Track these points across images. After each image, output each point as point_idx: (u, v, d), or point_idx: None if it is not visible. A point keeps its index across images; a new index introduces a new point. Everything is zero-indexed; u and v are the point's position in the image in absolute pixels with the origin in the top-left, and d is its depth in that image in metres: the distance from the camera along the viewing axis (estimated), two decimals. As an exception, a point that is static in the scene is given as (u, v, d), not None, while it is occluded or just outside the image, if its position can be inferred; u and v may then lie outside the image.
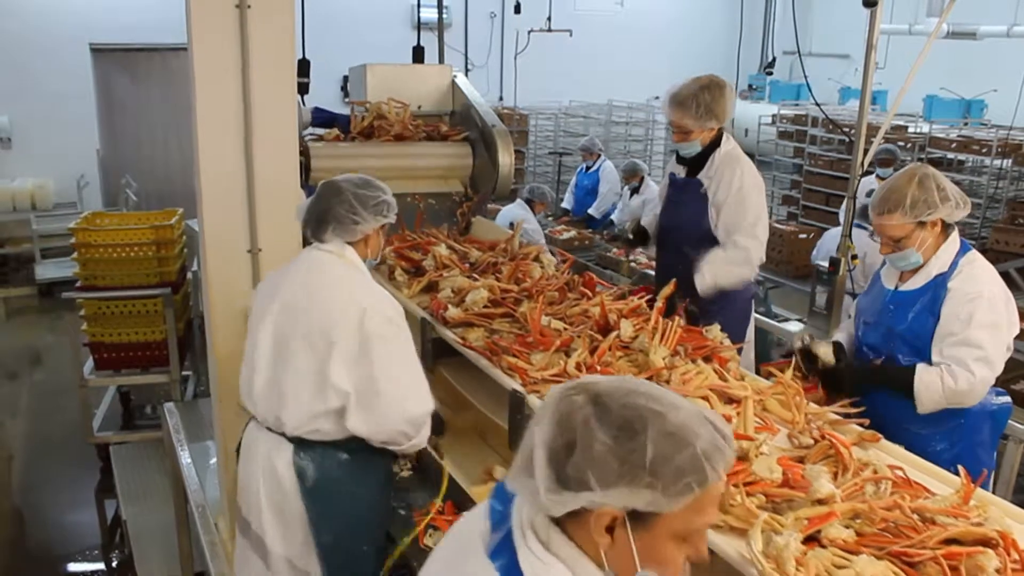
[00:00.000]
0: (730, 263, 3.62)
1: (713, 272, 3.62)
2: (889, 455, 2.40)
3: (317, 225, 2.62)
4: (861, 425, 2.50)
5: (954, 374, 2.68)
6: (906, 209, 2.73)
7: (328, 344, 2.48)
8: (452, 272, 3.51)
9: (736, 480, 2.02)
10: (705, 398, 2.50)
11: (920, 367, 2.74)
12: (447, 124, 4.66)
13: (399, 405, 2.52)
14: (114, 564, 4.63)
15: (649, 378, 2.47)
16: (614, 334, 2.83)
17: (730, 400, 2.55)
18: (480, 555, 1.34)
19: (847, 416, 2.55)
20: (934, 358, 2.75)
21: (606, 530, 1.24)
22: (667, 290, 3.07)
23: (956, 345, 2.69)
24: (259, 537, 2.63)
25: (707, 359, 2.81)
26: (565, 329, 2.95)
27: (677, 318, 2.93)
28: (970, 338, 2.67)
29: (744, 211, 3.59)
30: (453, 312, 3.12)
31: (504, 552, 1.30)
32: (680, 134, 3.63)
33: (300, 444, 2.57)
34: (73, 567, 4.66)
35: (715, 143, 3.65)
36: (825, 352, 2.91)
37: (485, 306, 3.17)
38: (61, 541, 4.88)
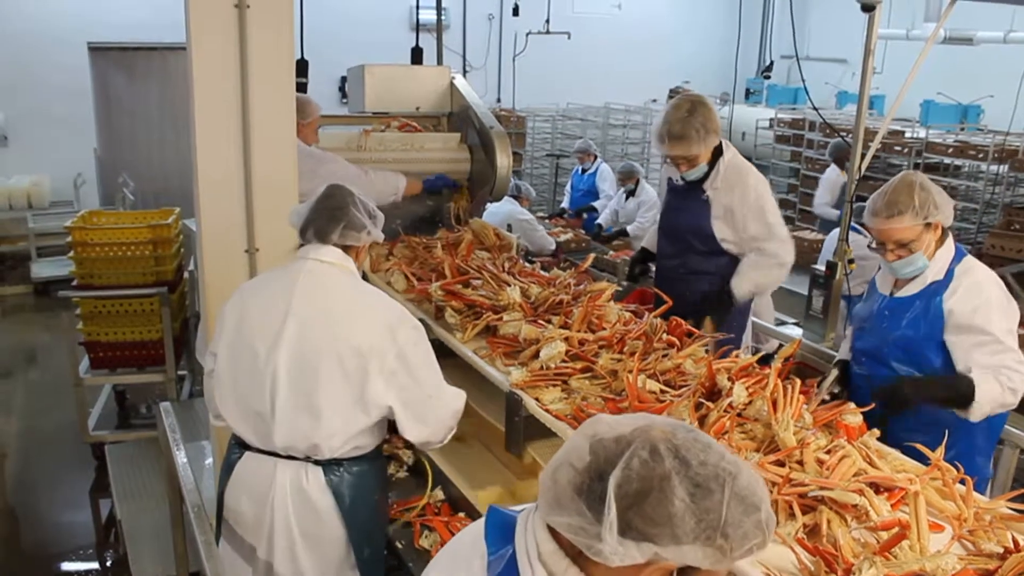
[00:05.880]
0: (763, 268, 3.65)
1: (751, 279, 3.64)
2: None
3: (326, 223, 2.50)
4: None
5: (1011, 378, 2.64)
6: (916, 209, 2.70)
7: (363, 362, 2.41)
8: (513, 315, 3.08)
9: None
10: (859, 492, 2.00)
11: (977, 376, 2.66)
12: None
13: (447, 404, 2.57)
14: (108, 563, 4.62)
15: (778, 461, 2.15)
16: (726, 400, 2.37)
17: (876, 486, 2.09)
18: None
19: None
20: (974, 369, 2.68)
21: None
22: (788, 350, 2.63)
23: (996, 353, 2.66)
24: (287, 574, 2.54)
25: (828, 425, 2.39)
26: (663, 391, 2.54)
27: (797, 381, 2.46)
28: (1005, 345, 2.67)
29: (765, 219, 3.62)
30: (518, 375, 2.70)
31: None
32: (686, 163, 3.63)
33: (328, 466, 2.49)
34: (67, 566, 4.65)
35: (716, 152, 3.67)
36: (832, 385, 2.89)
37: (563, 360, 2.76)
38: (56, 540, 4.87)
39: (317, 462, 2.48)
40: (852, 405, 2.47)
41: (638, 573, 1.21)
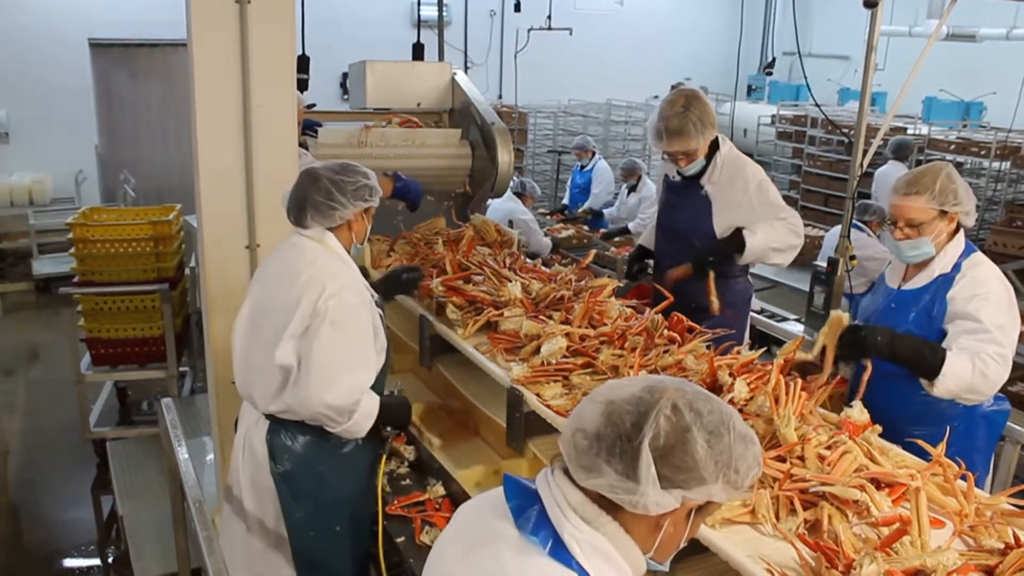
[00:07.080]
0: (777, 227, 3.59)
1: (764, 231, 3.57)
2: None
3: (298, 212, 2.67)
4: None
5: (986, 363, 2.59)
6: (935, 193, 2.72)
7: (286, 319, 2.55)
8: (514, 311, 3.08)
9: None
10: (860, 487, 2.02)
11: (951, 353, 2.62)
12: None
13: (322, 390, 2.53)
14: (110, 560, 4.62)
15: (780, 457, 2.18)
16: (728, 396, 2.36)
17: (877, 481, 2.09)
18: (512, 537, 1.37)
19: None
20: (954, 349, 2.65)
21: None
22: (790, 347, 2.63)
23: (980, 341, 2.62)
24: (239, 501, 2.75)
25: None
26: None
27: (798, 379, 2.44)
28: (992, 336, 2.62)
29: (771, 203, 3.61)
30: (519, 371, 2.71)
31: (543, 528, 1.35)
32: (684, 158, 3.60)
33: (275, 422, 2.66)
34: (69, 563, 4.65)
35: (713, 146, 3.65)
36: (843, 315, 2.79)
37: (564, 356, 2.77)
38: (57, 537, 4.87)
39: (268, 417, 2.66)
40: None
41: (664, 516, 1.34)
